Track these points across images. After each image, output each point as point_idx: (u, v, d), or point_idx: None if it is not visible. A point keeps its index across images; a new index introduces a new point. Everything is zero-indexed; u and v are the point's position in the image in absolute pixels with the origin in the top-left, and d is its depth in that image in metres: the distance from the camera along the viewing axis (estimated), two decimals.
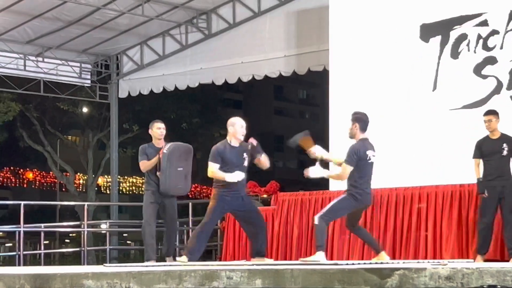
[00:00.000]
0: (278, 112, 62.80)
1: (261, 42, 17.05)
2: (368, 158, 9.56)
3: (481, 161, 10.76)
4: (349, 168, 9.47)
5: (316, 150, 9.87)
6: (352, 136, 9.75)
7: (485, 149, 10.74)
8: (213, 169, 9.89)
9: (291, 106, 63.60)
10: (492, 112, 10.83)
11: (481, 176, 10.68)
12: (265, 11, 17.03)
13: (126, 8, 16.87)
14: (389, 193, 11.90)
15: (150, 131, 11.26)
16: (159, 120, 11.35)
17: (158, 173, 10.85)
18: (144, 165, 10.97)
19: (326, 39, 13.92)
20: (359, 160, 9.49)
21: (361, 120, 9.75)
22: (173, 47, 18.62)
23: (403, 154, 12.40)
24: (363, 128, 9.71)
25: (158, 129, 11.12)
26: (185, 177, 10.97)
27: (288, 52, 16.65)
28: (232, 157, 9.94)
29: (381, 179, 11.89)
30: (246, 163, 10.01)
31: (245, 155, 9.98)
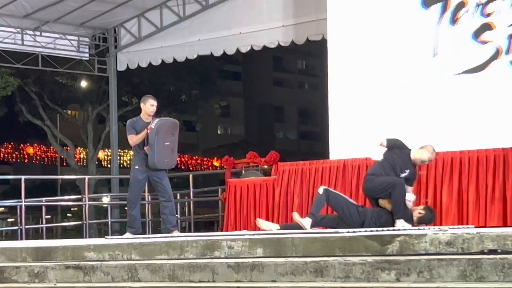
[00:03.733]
0: (278, 83, 62.73)
1: (259, 12, 16.96)
2: None
3: None
4: None
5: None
6: None
7: None
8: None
9: (290, 76, 63.52)
10: None
11: None
12: None
13: None
14: None
15: (142, 106, 11.37)
16: (152, 97, 11.46)
17: (145, 148, 11.07)
18: (133, 139, 11.19)
19: (324, 8, 13.84)
20: None
21: None
22: (170, 19, 18.54)
23: (403, 120, 12.36)
24: None
25: (151, 106, 11.28)
26: (172, 151, 11.22)
27: (286, 22, 16.59)
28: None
29: (382, 148, 11.93)
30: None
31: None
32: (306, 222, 9.89)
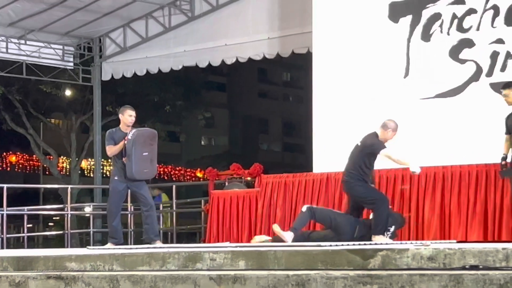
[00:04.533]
0: (262, 95, 62.74)
1: (245, 24, 16.99)
2: None
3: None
4: None
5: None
6: None
7: (509, 124, 9.85)
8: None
9: (275, 88, 63.53)
10: (506, 86, 9.84)
11: (507, 152, 9.82)
12: None
13: None
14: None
15: (120, 116, 11.41)
16: (130, 107, 11.49)
17: (123, 159, 11.06)
18: (111, 150, 11.21)
19: (310, 21, 13.89)
20: None
21: None
22: (156, 29, 18.54)
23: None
24: None
25: (129, 116, 11.29)
26: (150, 162, 11.23)
27: (272, 35, 16.61)
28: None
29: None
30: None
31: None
32: (288, 235, 9.92)
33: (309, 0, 13.89)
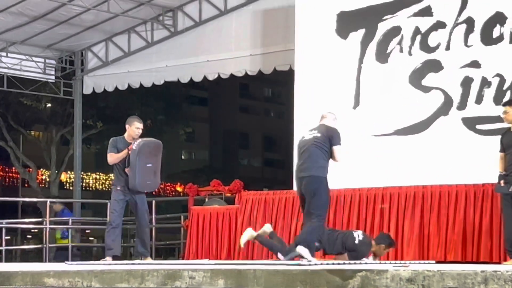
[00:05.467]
0: (244, 109, 62.76)
1: (227, 40, 17.03)
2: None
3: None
4: None
5: None
6: None
7: (505, 142, 9.40)
8: None
9: (257, 104, 63.57)
10: (507, 103, 9.11)
11: (502, 170, 9.39)
12: (232, 9, 17.01)
13: (92, 4, 16.76)
14: (352, 193, 11.93)
15: (127, 127, 11.06)
16: (139, 119, 11.20)
17: (126, 169, 10.80)
18: (112, 157, 10.91)
19: (292, 38, 13.93)
20: None
21: None
22: (138, 44, 18.54)
23: (369, 151, 12.26)
24: None
25: (137, 129, 11.02)
26: (154, 173, 11.00)
27: (254, 51, 16.65)
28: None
29: (344, 179, 11.95)
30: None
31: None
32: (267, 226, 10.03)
33: (292, 18, 13.94)
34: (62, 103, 26.72)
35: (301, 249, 9.22)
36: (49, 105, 27.83)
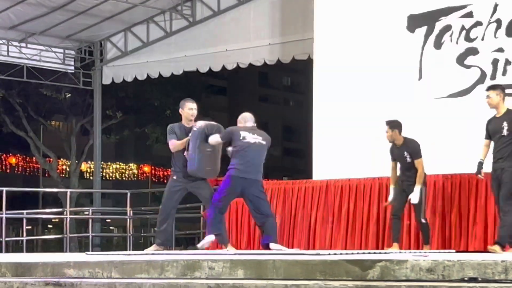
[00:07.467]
0: (263, 99, 62.73)
1: (246, 30, 17.01)
2: None
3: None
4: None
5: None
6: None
7: (490, 128, 9.87)
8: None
9: (276, 93, 63.54)
10: (491, 87, 9.97)
11: (484, 157, 9.89)
12: None
13: None
14: (372, 183, 11.93)
15: (180, 111, 10.50)
16: (191, 99, 10.55)
17: (185, 153, 10.11)
18: (174, 144, 10.22)
19: (311, 27, 13.90)
20: None
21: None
22: (157, 34, 18.55)
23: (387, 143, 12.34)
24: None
25: (190, 110, 10.36)
26: (214, 159, 10.25)
27: (273, 40, 16.63)
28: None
29: (365, 169, 11.96)
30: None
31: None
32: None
33: (311, 6, 13.91)
34: (82, 93, 26.81)
35: None
36: (68, 95, 27.94)
